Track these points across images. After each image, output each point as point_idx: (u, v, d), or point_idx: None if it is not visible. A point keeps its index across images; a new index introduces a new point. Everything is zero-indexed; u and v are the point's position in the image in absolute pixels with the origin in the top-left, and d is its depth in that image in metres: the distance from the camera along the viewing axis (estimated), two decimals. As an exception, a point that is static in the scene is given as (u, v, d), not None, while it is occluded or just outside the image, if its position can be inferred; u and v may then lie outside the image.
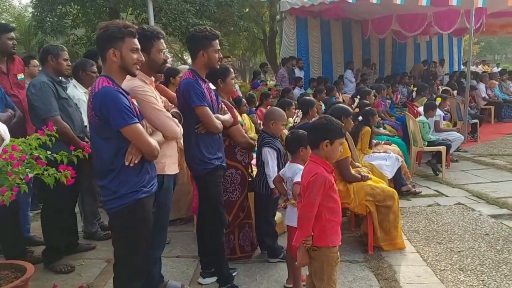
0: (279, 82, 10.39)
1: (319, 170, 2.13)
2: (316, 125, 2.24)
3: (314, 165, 2.18)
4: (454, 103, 8.44)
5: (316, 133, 2.22)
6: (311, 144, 2.26)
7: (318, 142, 2.19)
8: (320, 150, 2.19)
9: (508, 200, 4.85)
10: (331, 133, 2.18)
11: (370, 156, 5.02)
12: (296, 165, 2.86)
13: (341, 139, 2.22)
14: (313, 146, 2.24)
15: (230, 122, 3.08)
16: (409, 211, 4.65)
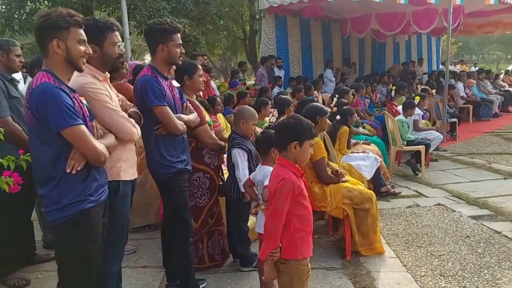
0: (258, 81, 10.22)
1: (287, 175, 1.93)
2: (284, 125, 2.04)
3: (282, 169, 1.98)
4: (433, 102, 8.39)
5: (284, 134, 2.02)
6: (278, 146, 2.06)
7: (286, 144, 1.98)
8: (288, 152, 1.99)
9: (488, 200, 4.75)
10: (300, 134, 1.98)
11: (348, 157, 4.86)
12: (267, 167, 2.65)
13: (311, 140, 2.02)
14: (281, 148, 2.03)
15: (195, 123, 2.85)
16: (389, 213, 4.50)
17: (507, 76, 15.64)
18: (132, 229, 4.12)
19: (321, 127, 3.56)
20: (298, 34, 11.98)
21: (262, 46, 10.95)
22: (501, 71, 21.84)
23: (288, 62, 11.72)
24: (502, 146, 7.81)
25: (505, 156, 6.98)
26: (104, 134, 2.12)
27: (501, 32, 15.25)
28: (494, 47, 46.18)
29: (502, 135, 8.81)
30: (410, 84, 8.72)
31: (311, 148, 2.05)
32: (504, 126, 10.01)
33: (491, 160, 6.68)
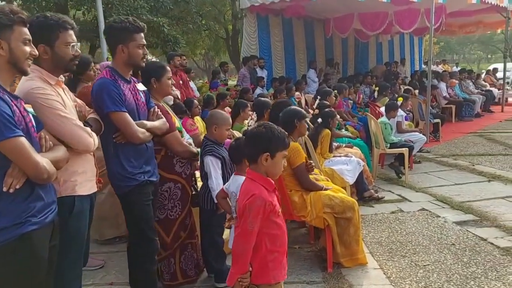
0: (240, 82, 10.01)
1: (257, 190, 1.73)
2: (253, 135, 1.84)
3: (252, 183, 1.78)
4: (415, 103, 8.30)
5: (254, 144, 1.82)
6: (248, 158, 1.86)
7: (256, 156, 1.79)
8: (259, 165, 1.80)
9: (472, 205, 4.64)
10: (272, 145, 1.78)
11: (330, 161, 4.70)
12: (241, 177, 2.44)
13: (284, 151, 1.83)
14: (251, 160, 1.84)
15: (163, 129, 2.62)
16: (372, 219, 4.34)
17: (488, 75, 15.76)
18: (103, 241, 3.90)
19: (300, 132, 3.38)
20: (281, 34, 11.82)
21: (244, 46, 10.76)
22: (482, 70, 22.09)
23: (271, 62, 11.56)
24: (485, 147, 7.77)
25: (488, 157, 6.93)
26: (54, 146, 1.88)
27: (482, 32, 15.39)
28: (475, 47, 46.91)
29: (485, 136, 8.79)
30: (393, 84, 8.62)
31: (284, 159, 1.85)
32: (486, 126, 10.01)
33: (474, 162, 6.61)
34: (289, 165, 3.24)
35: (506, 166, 6.30)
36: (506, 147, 7.67)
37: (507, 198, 4.86)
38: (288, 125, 3.33)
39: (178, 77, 7.03)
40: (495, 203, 4.70)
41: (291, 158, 3.21)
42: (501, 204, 4.66)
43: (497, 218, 4.24)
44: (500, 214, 4.34)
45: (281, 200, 3.26)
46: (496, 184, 5.45)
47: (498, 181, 5.57)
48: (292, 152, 3.20)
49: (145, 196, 2.46)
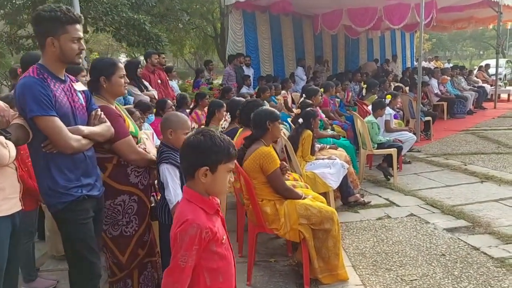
0: (225, 81, 9.69)
1: (192, 215, 1.41)
2: (189, 145, 1.50)
3: (187, 205, 1.45)
4: (406, 100, 8.02)
5: (189, 156, 1.49)
6: (184, 172, 1.53)
7: (192, 170, 1.46)
8: (197, 181, 1.47)
9: (464, 209, 4.35)
10: (212, 156, 1.46)
11: (312, 164, 4.39)
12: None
13: (229, 164, 1.50)
14: (187, 175, 1.51)
15: (106, 135, 2.28)
16: (356, 226, 4.03)
17: (480, 72, 15.53)
18: (60, 257, 3.56)
19: (273, 134, 3.05)
20: (268, 31, 11.50)
21: (230, 44, 10.40)
22: (474, 67, 21.91)
23: (258, 60, 11.24)
24: (478, 145, 7.50)
25: (480, 156, 6.65)
26: None
27: (473, 27, 15.13)
28: (467, 43, 46.88)
29: (477, 133, 8.53)
30: (383, 81, 8.32)
31: (229, 174, 1.52)
32: (478, 123, 9.76)
33: (466, 161, 6.33)
34: (261, 172, 2.92)
35: (499, 165, 6.03)
36: (499, 145, 7.41)
37: (501, 200, 4.57)
38: (260, 127, 3.01)
39: (157, 76, 6.68)
40: (488, 207, 4.41)
41: (263, 165, 2.89)
42: (494, 208, 4.37)
43: (490, 223, 3.94)
44: (494, 219, 4.05)
45: (252, 211, 2.95)
46: (489, 185, 5.16)
47: (491, 182, 5.28)
48: (264, 158, 2.88)
49: (82, 214, 2.12)
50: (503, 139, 7.88)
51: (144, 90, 5.97)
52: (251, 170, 2.91)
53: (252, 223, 3.05)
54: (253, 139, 2.99)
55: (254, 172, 2.90)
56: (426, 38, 29.71)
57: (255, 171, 2.90)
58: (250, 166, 2.90)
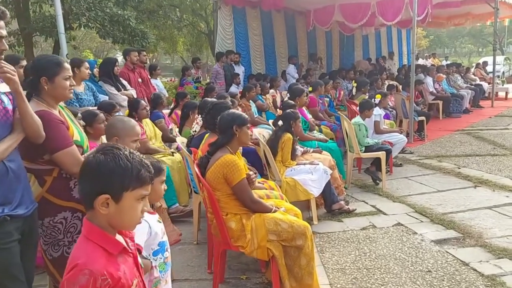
0: (213, 79, 9.39)
1: (85, 258, 1.12)
2: (86, 167, 1.21)
3: (85, 243, 1.16)
4: (399, 99, 7.73)
5: (86, 181, 1.20)
6: (82, 201, 1.23)
7: (89, 199, 1.17)
8: (97, 213, 1.18)
9: (455, 217, 4.07)
10: (114, 182, 1.17)
11: (293, 170, 4.11)
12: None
13: (141, 190, 1.21)
14: (86, 205, 1.22)
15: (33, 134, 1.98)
16: (339, 237, 3.75)
17: (478, 69, 15.24)
18: None
19: (241, 140, 2.76)
20: (259, 28, 11.20)
21: (219, 41, 10.09)
22: (473, 64, 21.61)
23: (249, 58, 10.94)
24: (473, 146, 7.22)
25: (475, 158, 6.37)
26: None
27: (471, 24, 14.83)
28: (465, 40, 46.58)
29: (473, 134, 8.25)
30: (375, 80, 8.02)
31: (141, 201, 1.23)
32: (474, 123, 9.48)
33: (460, 164, 6.05)
34: (225, 183, 2.64)
35: (494, 168, 5.75)
36: (495, 146, 7.13)
37: (494, 208, 4.30)
38: (226, 132, 2.72)
39: (137, 75, 6.38)
40: (481, 215, 4.13)
41: (227, 175, 2.60)
42: (487, 216, 4.09)
43: (482, 234, 3.66)
44: (486, 229, 3.77)
45: (217, 227, 2.67)
46: (483, 190, 4.88)
47: (485, 186, 5.01)
48: (228, 168, 2.60)
49: (2, 237, 1.83)
50: (499, 139, 7.60)
51: (122, 89, 5.69)
52: (214, 181, 2.62)
53: (218, 239, 2.77)
54: (218, 145, 2.70)
55: (218, 183, 2.61)
56: (424, 35, 29.39)
57: (219, 182, 2.61)
58: (213, 176, 2.62)
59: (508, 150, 6.81)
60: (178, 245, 3.67)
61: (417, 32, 27.23)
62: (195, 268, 3.26)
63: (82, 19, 8.48)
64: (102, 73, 5.59)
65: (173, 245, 3.65)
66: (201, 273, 3.20)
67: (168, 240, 3.71)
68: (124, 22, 8.81)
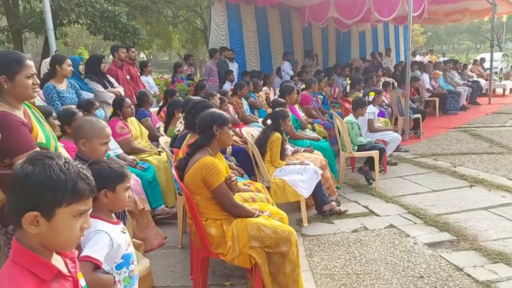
0: (206, 76, 9.24)
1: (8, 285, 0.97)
2: (13, 179, 1.05)
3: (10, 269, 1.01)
4: (394, 97, 7.59)
5: (13, 196, 1.05)
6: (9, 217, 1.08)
7: (16, 216, 1.03)
8: (25, 233, 1.03)
9: (449, 219, 3.94)
10: (44, 197, 1.02)
11: (282, 170, 3.97)
12: (93, 221, 1.68)
13: (75, 205, 1.05)
14: (14, 224, 1.07)
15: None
16: (329, 240, 3.61)
17: (475, 65, 15.12)
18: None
19: (222, 141, 2.61)
20: (254, 24, 11.04)
21: (212, 37, 9.94)
22: (470, 60, 21.49)
23: (243, 54, 10.79)
24: (469, 144, 7.09)
25: (471, 156, 6.25)
26: None
27: (468, 20, 14.67)
28: (463, 36, 46.46)
29: (469, 131, 8.12)
30: (370, 77, 7.87)
31: (78, 218, 1.08)
32: (471, 120, 9.36)
33: (456, 162, 5.92)
34: (204, 187, 2.49)
35: (490, 167, 5.62)
36: (492, 144, 7.00)
37: (490, 209, 4.17)
38: (206, 133, 2.58)
39: (125, 72, 6.23)
40: (476, 216, 4.00)
41: (206, 178, 2.46)
42: (483, 217, 3.96)
43: (477, 237, 3.54)
44: (481, 231, 3.64)
45: (196, 233, 2.53)
46: (479, 190, 4.75)
47: (481, 186, 4.88)
48: (207, 170, 2.45)
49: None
50: (496, 137, 7.48)
51: (109, 86, 5.54)
52: (193, 184, 2.47)
53: (197, 245, 2.63)
54: (197, 146, 2.56)
55: (197, 186, 2.47)
56: (422, 32, 29.23)
57: (198, 185, 2.47)
58: (191, 180, 2.47)
59: (505, 148, 6.69)
60: (162, 249, 3.54)
61: (415, 29, 27.14)
62: (178, 274, 3.13)
63: (71, 15, 8.30)
64: (88, 70, 5.44)
65: (156, 249, 3.53)
66: (183, 279, 3.06)
67: (152, 244, 3.59)
68: (115, 18, 8.64)
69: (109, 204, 1.69)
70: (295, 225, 3.95)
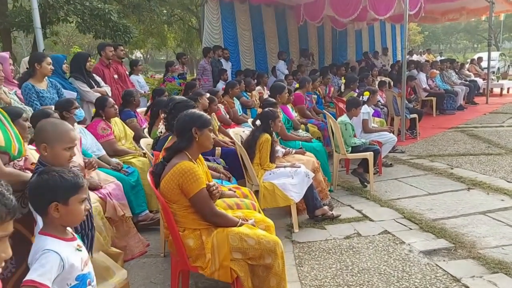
0: (200, 75, 9.07)
1: None
2: None
3: None
4: (390, 96, 7.42)
5: None
6: None
7: None
8: None
9: (446, 224, 3.77)
10: None
11: (272, 173, 3.79)
12: (43, 239, 1.50)
13: None
14: None
15: None
16: (320, 248, 3.44)
17: (472, 65, 14.97)
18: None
19: (202, 144, 2.43)
20: (249, 22, 10.86)
21: (206, 36, 9.75)
22: (467, 60, 21.36)
23: (238, 53, 10.61)
24: (467, 144, 6.93)
25: (469, 157, 6.08)
26: None
27: (466, 19, 14.52)
28: (461, 36, 46.38)
29: (467, 131, 7.97)
30: (366, 76, 7.69)
31: None
32: (469, 120, 9.21)
33: (453, 164, 5.76)
34: (182, 194, 2.31)
35: (488, 169, 5.46)
36: (490, 144, 6.85)
37: (488, 213, 4.00)
38: (184, 136, 2.39)
39: (113, 71, 6.05)
40: (474, 221, 3.84)
41: (183, 185, 2.27)
42: (481, 222, 3.79)
43: (475, 244, 3.37)
44: (480, 238, 3.48)
45: (173, 244, 2.35)
46: (476, 193, 4.59)
47: (479, 189, 4.72)
48: (184, 177, 2.26)
49: None
50: (494, 137, 7.33)
51: (95, 86, 5.35)
52: (169, 192, 2.29)
53: (175, 257, 2.44)
54: (175, 150, 2.37)
55: (173, 194, 2.29)
56: (419, 31, 29.11)
57: (174, 193, 2.28)
58: (167, 187, 2.28)
59: (503, 149, 6.54)
60: (144, 258, 3.36)
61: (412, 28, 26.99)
62: (158, 285, 2.94)
63: (60, 12, 8.10)
64: (73, 69, 5.26)
65: (138, 258, 3.34)
66: (164, 291, 2.88)
67: (133, 252, 3.39)
68: (105, 16, 8.43)
69: (61, 219, 1.51)
70: (285, 231, 3.79)
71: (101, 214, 3.01)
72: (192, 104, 3.04)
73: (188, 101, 3.14)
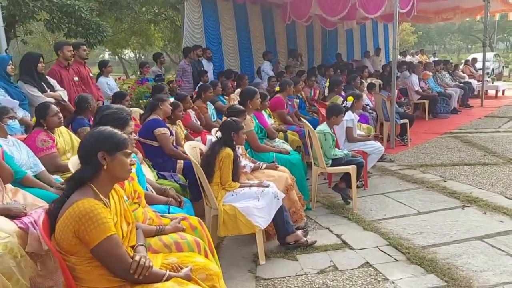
0: (179, 77, 8.53)
1: None
2: None
3: None
4: (379, 100, 6.90)
5: None
6: None
7: None
8: None
9: (437, 254, 3.24)
10: None
11: (234, 194, 3.25)
12: None
13: None
14: None
15: None
16: (288, 286, 2.89)
17: (466, 66, 14.52)
18: None
19: (113, 174, 1.82)
20: (233, 21, 10.32)
21: (186, 35, 9.19)
22: (462, 61, 20.94)
23: (221, 53, 10.06)
24: (461, 152, 6.43)
25: (463, 168, 5.57)
26: None
27: (460, 18, 14.03)
28: (455, 36, 46.06)
29: (461, 137, 7.47)
30: (354, 78, 7.16)
31: None
32: (463, 124, 8.73)
33: (446, 176, 5.25)
34: (81, 244, 1.73)
35: (485, 182, 4.95)
36: (486, 153, 6.34)
37: (486, 238, 3.48)
38: (89, 163, 1.80)
39: (72, 73, 5.46)
40: (470, 249, 3.31)
41: (81, 233, 1.66)
42: (478, 251, 3.27)
43: (471, 281, 2.84)
44: (477, 272, 2.95)
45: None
46: (472, 212, 4.07)
47: (475, 207, 4.20)
48: (81, 222, 1.66)
49: None
50: (490, 144, 6.83)
51: (47, 90, 4.79)
52: (64, 241, 1.70)
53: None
54: (76, 183, 1.80)
55: (70, 244, 1.70)
56: (412, 31, 28.69)
57: (70, 242, 1.69)
58: (61, 234, 1.70)
59: (500, 157, 6.04)
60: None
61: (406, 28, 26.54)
62: None
63: (24, 9, 7.48)
64: (22, 71, 4.70)
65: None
66: None
67: None
68: (75, 13, 7.84)
69: None
70: (250, 262, 3.24)
71: (13, 252, 2.44)
72: (124, 116, 2.48)
73: (119, 112, 2.57)
